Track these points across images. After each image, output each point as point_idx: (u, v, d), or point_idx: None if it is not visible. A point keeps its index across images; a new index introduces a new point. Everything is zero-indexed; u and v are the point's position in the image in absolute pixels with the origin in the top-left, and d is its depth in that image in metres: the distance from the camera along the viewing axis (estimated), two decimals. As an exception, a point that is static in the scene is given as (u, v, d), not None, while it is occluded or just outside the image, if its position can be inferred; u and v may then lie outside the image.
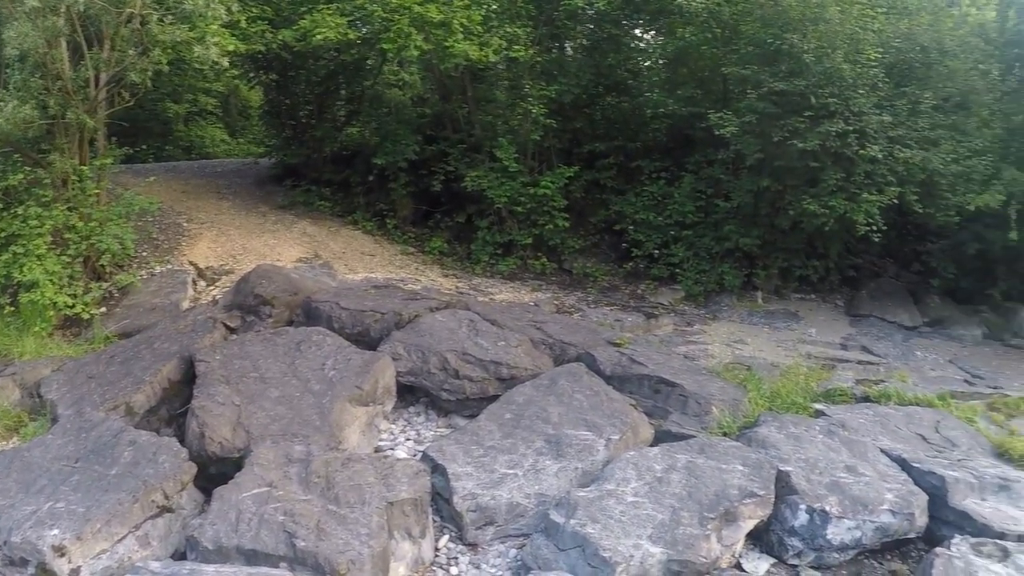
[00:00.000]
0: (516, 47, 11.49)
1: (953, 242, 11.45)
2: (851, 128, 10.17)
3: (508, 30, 11.68)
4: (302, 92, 14.21)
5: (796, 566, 5.43)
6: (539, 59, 12.54)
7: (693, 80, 13.04)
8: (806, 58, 10.40)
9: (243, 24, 10.38)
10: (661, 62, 14.46)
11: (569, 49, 14.14)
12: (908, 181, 10.37)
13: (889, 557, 5.68)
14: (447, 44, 10.82)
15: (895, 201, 10.32)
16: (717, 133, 10.89)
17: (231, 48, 9.62)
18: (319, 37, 10.56)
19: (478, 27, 11.24)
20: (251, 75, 14.67)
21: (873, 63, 10.61)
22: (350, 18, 11.08)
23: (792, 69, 10.67)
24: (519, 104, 12.17)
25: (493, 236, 12.26)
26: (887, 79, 10.94)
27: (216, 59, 9.29)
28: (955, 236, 11.29)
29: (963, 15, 12.94)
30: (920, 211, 10.58)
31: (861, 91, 10.49)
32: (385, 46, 10.89)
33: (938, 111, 11.05)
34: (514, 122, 12.38)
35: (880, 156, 10.10)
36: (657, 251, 11.90)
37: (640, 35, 14.39)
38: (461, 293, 10.66)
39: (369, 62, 13.33)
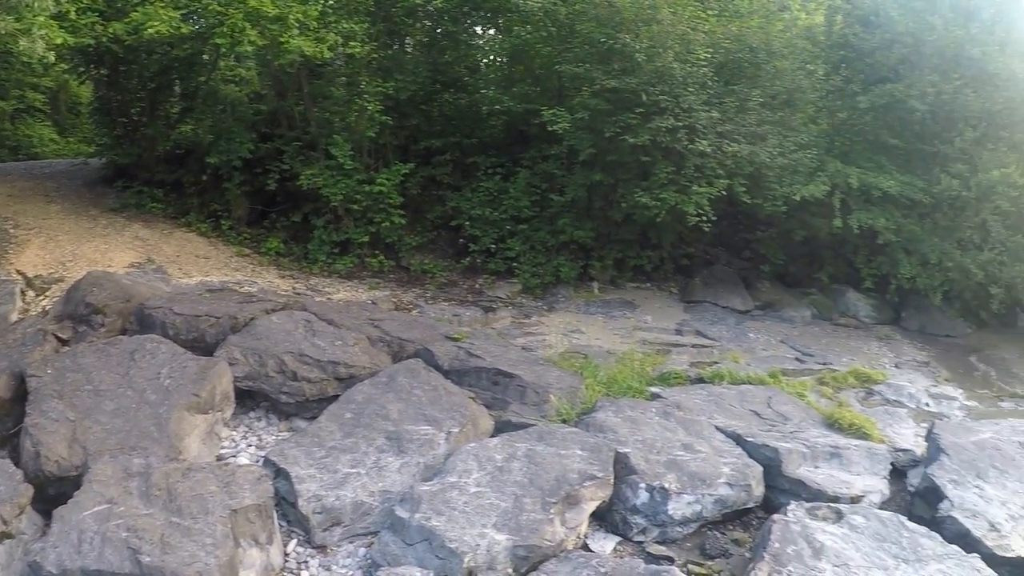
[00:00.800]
0: (353, 43, 11.20)
1: (781, 230, 11.95)
2: (681, 124, 10.46)
3: (345, 26, 11.34)
4: (134, 88, 13.33)
5: (642, 542, 5.54)
6: (376, 55, 12.34)
7: (529, 77, 13.15)
8: (638, 57, 10.64)
9: (72, 16, 9.60)
10: (498, 60, 14.54)
11: (408, 46, 13.95)
12: (737, 174, 10.76)
13: (731, 527, 5.86)
14: (282, 40, 10.41)
15: (724, 192, 10.70)
16: (550, 129, 11.00)
17: (59, 41, 8.96)
18: (151, 31, 9.93)
19: (314, 22, 10.88)
20: (81, 70, 13.61)
21: (703, 62, 10.94)
22: (183, 11, 10.54)
23: (625, 68, 10.89)
24: (356, 101, 11.87)
25: (329, 235, 11.86)
26: (717, 78, 11.35)
27: (43, 53, 8.63)
28: (783, 224, 11.77)
29: (793, 19, 13.70)
30: (749, 202, 10.97)
31: (691, 89, 10.80)
32: (218, 41, 10.33)
33: (766, 108, 11.54)
34: (350, 119, 12.04)
35: (709, 150, 10.46)
36: (494, 246, 11.84)
37: (478, 32, 14.39)
38: (298, 294, 10.33)
39: (204, 57, 12.67)
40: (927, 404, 8.52)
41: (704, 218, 10.41)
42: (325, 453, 5.97)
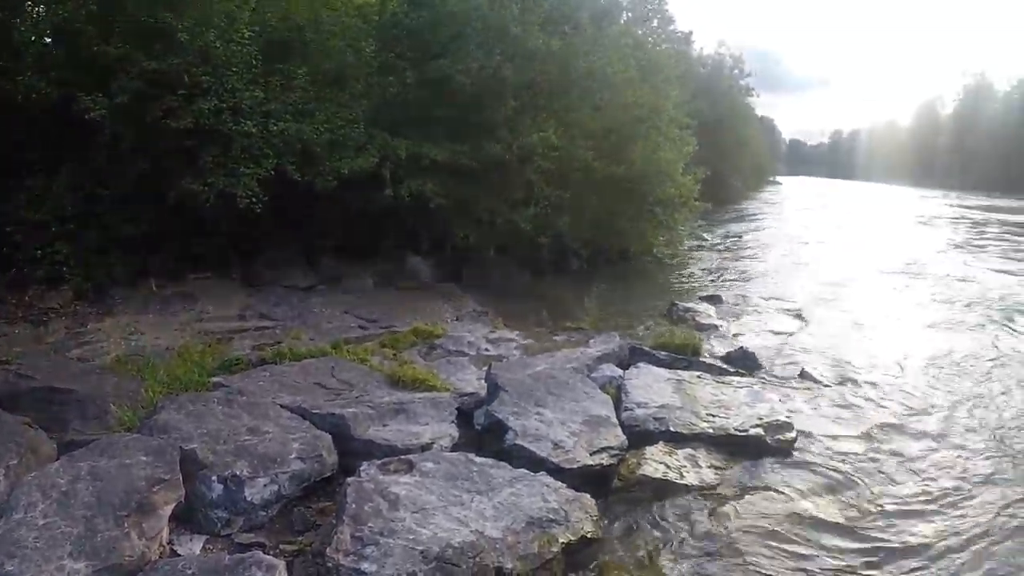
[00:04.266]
0: None
1: (340, 204, 12.14)
2: (225, 105, 10.18)
3: None
4: None
5: (229, 535, 5.34)
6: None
7: (73, 60, 11.79)
8: (180, 36, 10.13)
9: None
10: (40, 41, 12.83)
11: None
12: (286, 152, 10.72)
13: (317, 500, 5.83)
14: None
15: (273, 172, 10.57)
16: (87, 117, 10.02)
17: None
18: None
19: None
20: None
21: (247, 41, 10.65)
22: None
23: (167, 47, 10.28)
24: None
25: None
26: (262, 56, 11.10)
27: None
28: (341, 198, 11.92)
29: None
30: (300, 179, 10.96)
31: (235, 69, 10.52)
32: None
33: (314, 85, 11.54)
34: None
35: (255, 131, 10.32)
36: (40, 251, 10.49)
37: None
38: None
39: None
40: (487, 349, 9.26)
41: (254, 200, 10.24)
42: None
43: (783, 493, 6.28)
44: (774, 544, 5.47)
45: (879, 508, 6.07)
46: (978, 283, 17.62)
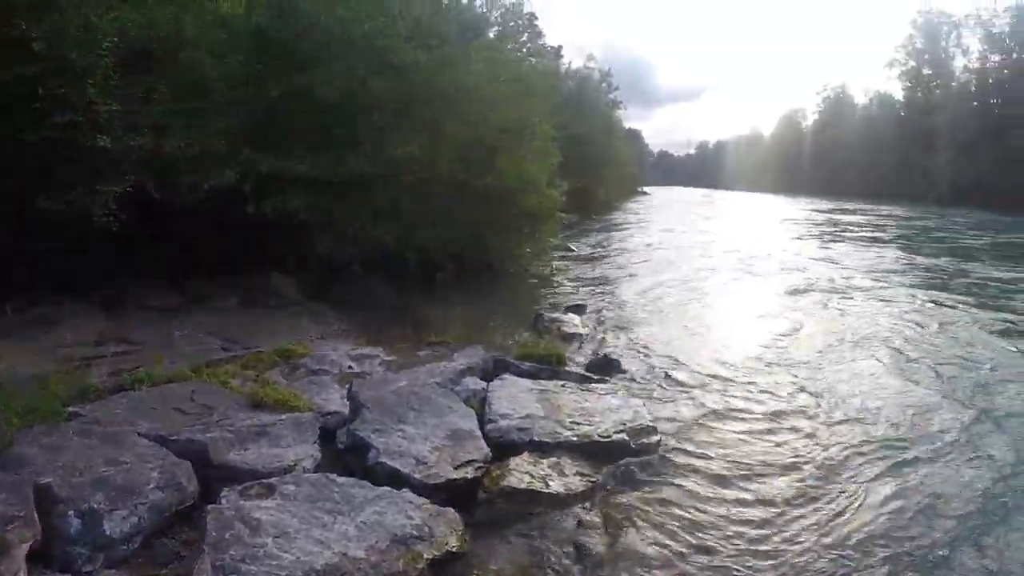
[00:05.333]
0: None
1: (202, 220, 11.92)
2: (82, 119, 9.84)
3: None
4: None
5: (91, 571, 5.17)
6: None
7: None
8: (36, 46, 9.66)
9: None
10: None
11: None
12: (145, 167, 10.48)
13: (181, 530, 5.70)
14: None
15: (130, 189, 10.32)
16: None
17: None
18: None
19: None
20: None
21: (105, 52, 10.31)
22: None
23: (16, 57, 9.78)
24: None
25: None
26: (122, 68, 10.74)
27: None
28: (204, 214, 11.74)
29: (214, 8, 13.50)
30: (160, 196, 10.74)
31: (92, 80, 10.13)
32: None
33: (176, 97, 11.30)
34: None
35: (113, 145, 9.98)
36: None
37: None
38: None
39: None
40: (351, 367, 9.29)
41: (113, 218, 9.98)
42: None
43: (649, 496, 6.59)
44: (642, 547, 5.74)
45: (745, 504, 6.47)
46: (824, 276, 19.98)
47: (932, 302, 15.95)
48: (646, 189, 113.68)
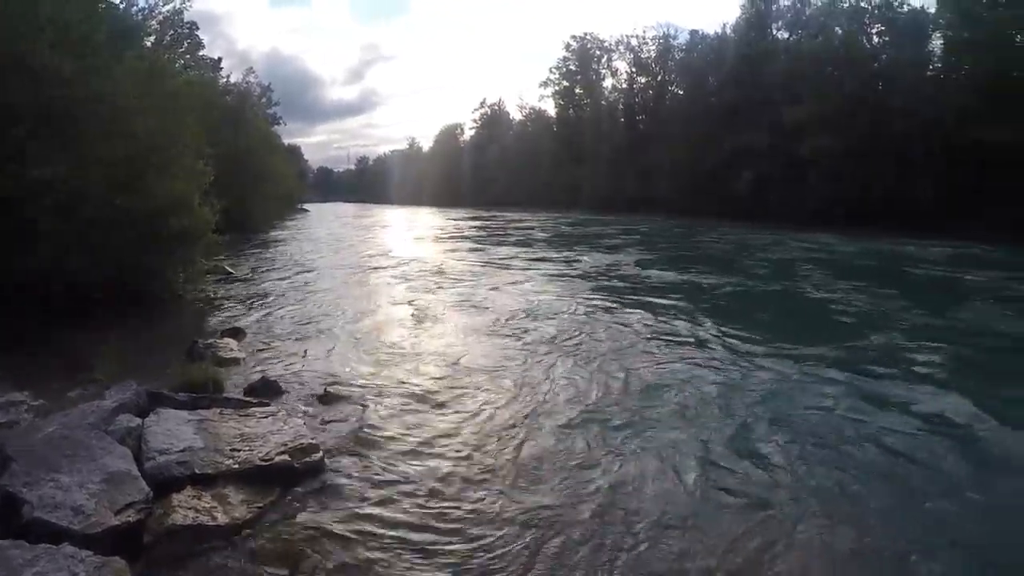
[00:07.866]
0: None
1: None
2: None
3: None
4: None
5: None
6: None
7: None
8: None
9: None
10: None
11: None
12: None
13: None
14: None
15: None
16: None
17: None
18: None
19: None
20: None
21: None
22: None
23: None
24: None
25: None
26: None
27: None
28: None
29: None
30: None
31: None
32: None
33: None
34: None
35: None
36: None
37: None
38: None
39: None
40: (-7, 418, 8.58)
41: None
42: None
43: (317, 513, 6.83)
44: (324, 564, 5.99)
45: (417, 509, 6.97)
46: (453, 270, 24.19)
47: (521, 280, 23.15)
48: (306, 206, 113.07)
